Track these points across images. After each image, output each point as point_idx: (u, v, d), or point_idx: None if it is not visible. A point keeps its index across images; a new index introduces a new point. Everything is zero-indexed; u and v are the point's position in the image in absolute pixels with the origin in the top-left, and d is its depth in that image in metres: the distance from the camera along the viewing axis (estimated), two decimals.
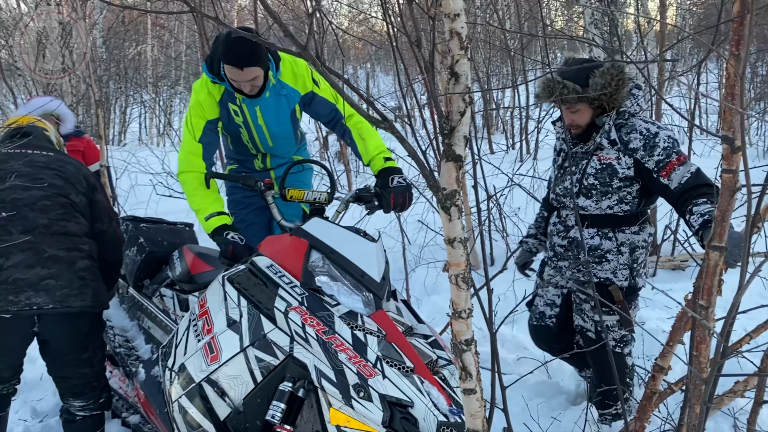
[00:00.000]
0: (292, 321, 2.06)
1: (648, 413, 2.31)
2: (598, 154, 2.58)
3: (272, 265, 2.26)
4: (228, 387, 2.09)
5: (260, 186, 2.61)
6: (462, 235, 1.40)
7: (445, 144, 1.37)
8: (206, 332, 2.22)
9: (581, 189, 2.62)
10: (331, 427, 1.96)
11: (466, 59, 1.30)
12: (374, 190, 2.62)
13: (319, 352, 2.00)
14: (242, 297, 2.19)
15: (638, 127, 2.54)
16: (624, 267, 2.63)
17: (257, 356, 2.06)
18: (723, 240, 1.26)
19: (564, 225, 2.72)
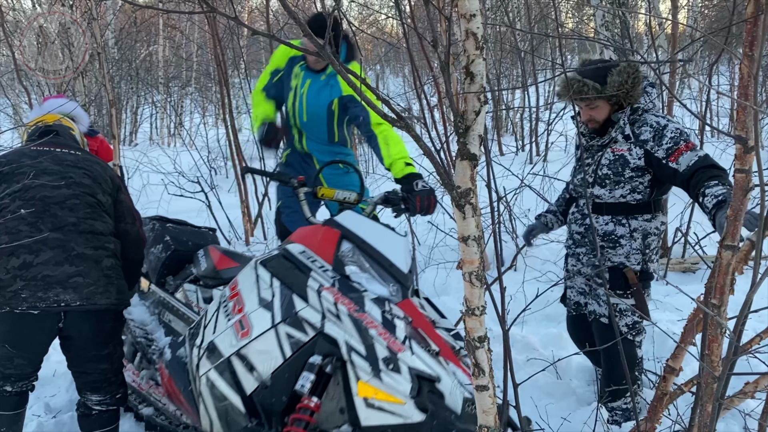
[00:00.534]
0: (325, 299, 2.11)
1: (659, 414, 2.31)
2: (613, 146, 2.73)
3: (305, 251, 2.32)
4: (257, 362, 2.13)
5: (294, 183, 2.73)
6: (476, 233, 1.41)
7: (460, 143, 1.38)
8: (237, 312, 2.26)
9: (596, 179, 2.77)
10: (359, 400, 2.00)
11: (481, 59, 1.32)
12: (402, 194, 2.71)
13: (350, 327, 2.05)
14: (275, 278, 2.24)
15: (649, 121, 2.69)
16: (637, 252, 2.75)
17: (288, 332, 2.11)
18: (736, 239, 1.27)
19: (581, 213, 2.88)
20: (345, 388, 2.04)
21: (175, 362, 2.49)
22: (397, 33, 6.67)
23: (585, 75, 2.65)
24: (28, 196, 2.45)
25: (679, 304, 3.95)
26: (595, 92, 2.63)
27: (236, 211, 6.15)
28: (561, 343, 3.65)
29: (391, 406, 1.95)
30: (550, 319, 4.14)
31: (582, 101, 2.71)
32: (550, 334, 3.79)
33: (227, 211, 6.01)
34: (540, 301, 4.13)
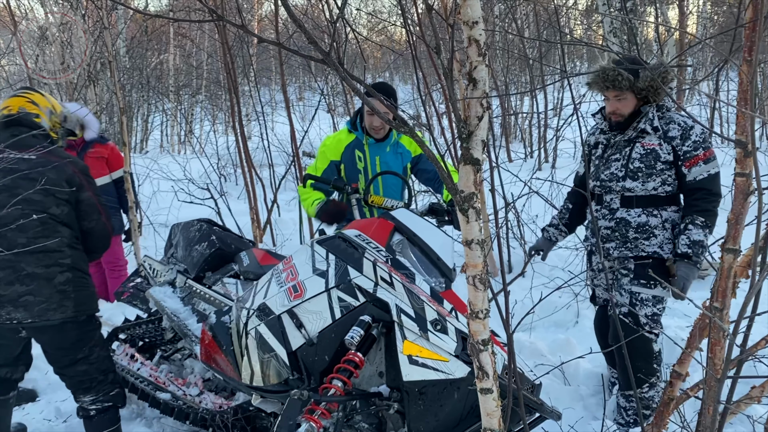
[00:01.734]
0: (381, 268, 2.20)
1: (665, 419, 2.31)
2: (641, 141, 2.81)
3: (360, 234, 2.41)
4: (306, 320, 2.21)
5: (348, 189, 2.90)
6: (479, 237, 1.43)
7: (463, 148, 1.40)
8: (290, 280, 2.34)
9: (627, 172, 2.84)
10: (403, 357, 2.04)
11: (484, 65, 1.34)
12: (447, 207, 2.92)
13: (402, 293, 2.14)
14: (330, 253, 2.33)
15: (676, 119, 2.79)
16: (669, 241, 2.83)
17: (340, 297, 2.20)
18: (737, 243, 1.28)
19: (609, 208, 2.91)
20: (387, 353, 2.13)
21: (219, 325, 2.56)
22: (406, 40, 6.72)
23: (620, 67, 2.73)
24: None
25: (688, 310, 3.94)
26: (628, 83, 2.72)
27: (246, 218, 6.19)
28: (569, 349, 3.64)
29: (434, 363, 2.02)
30: (558, 325, 4.14)
31: (612, 91, 2.78)
32: (558, 340, 3.79)
33: (236, 218, 6.05)
34: (548, 307, 4.19)
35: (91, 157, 4.64)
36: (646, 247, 2.83)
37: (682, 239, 2.70)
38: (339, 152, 3.36)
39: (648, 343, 2.83)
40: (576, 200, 3.21)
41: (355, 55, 13.40)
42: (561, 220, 3.22)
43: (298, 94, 19.76)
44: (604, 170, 2.92)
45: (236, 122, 5.70)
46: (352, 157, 3.33)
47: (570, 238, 4.87)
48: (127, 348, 3.54)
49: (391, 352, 2.11)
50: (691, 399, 2.57)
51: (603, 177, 2.91)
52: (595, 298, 3.18)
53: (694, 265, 2.69)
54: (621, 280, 2.90)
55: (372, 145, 3.31)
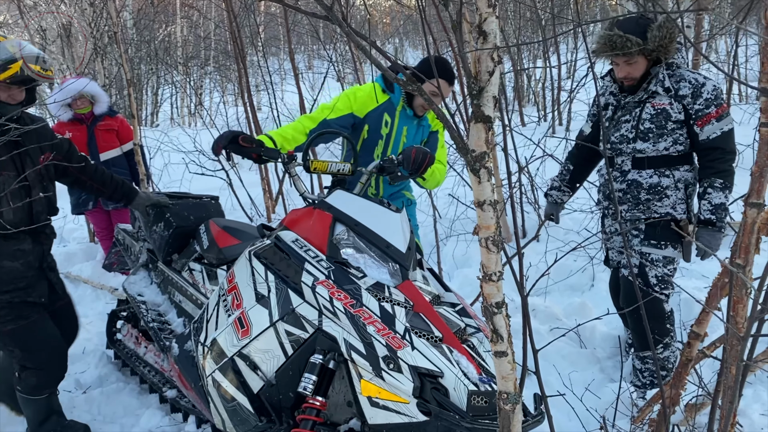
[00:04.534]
0: (320, 295, 2.07)
1: (683, 380, 2.28)
2: (652, 101, 2.75)
3: (297, 239, 2.27)
4: (260, 360, 2.13)
5: (284, 157, 2.59)
6: (491, 198, 1.38)
7: (473, 105, 1.35)
8: (236, 307, 2.25)
9: (638, 134, 2.78)
10: (363, 398, 1.97)
11: (494, 17, 1.28)
12: (396, 159, 2.59)
13: (347, 325, 2.01)
14: (269, 272, 2.21)
15: (687, 77, 2.71)
16: (681, 201, 2.79)
17: (287, 330, 2.09)
18: (761, 197, 1.23)
19: (620, 170, 2.86)
20: (350, 382, 2.02)
21: (184, 357, 2.52)
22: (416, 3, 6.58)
23: (626, 30, 2.63)
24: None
25: (705, 270, 3.89)
26: (637, 47, 2.62)
27: (257, 189, 6.17)
28: (584, 312, 3.62)
29: (395, 405, 1.92)
30: (573, 289, 4.10)
31: (623, 57, 2.69)
32: (573, 303, 3.76)
33: (248, 189, 6.03)
34: (563, 271, 4.15)
35: (101, 130, 4.65)
36: (658, 209, 2.80)
37: (704, 205, 2.65)
38: (367, 110, 3.01)
39: (659, 304, 2.80)
40: (577, 161, 3.16)
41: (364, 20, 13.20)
42: (562, 181, 3.19)
43: (307, 63, 19.58)
44: (614, 132, 2.87)
45: (245, 93, 5.64)
46: (379, 120, 3.04)
47: (585, 201, 4.81)
48: (130, 328, 3.54)
49: (352, 385, 2.01)
50: (708, 360, 2.54)
51: (613, 139, 2.87)
52: (608, 260, 3.15)
53: (718, 231, 2.65)
54: (632, 242, 2.87)
55: (404, 116, 3.04)
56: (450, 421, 1.84)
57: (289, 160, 2.60)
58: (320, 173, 2.62)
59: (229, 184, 5.74)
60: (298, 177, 2.63)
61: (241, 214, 5.87)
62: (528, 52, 11.95)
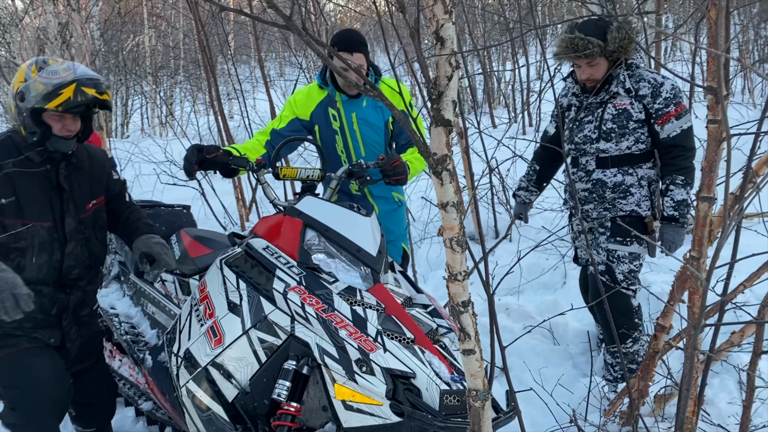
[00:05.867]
0: (292, 301, 2.08)
1: (651, 371, 2.34)
2: (613, 101, 2.82)
3: (268, 246, 2.27)
4: (234, 369, 2.13)
5: (252, 165, 2.59)
6: (454, 199, 1.41)
7: (433, 109, 1.38)
8: (208, 317, 2.25)
9: (600, 134, 2.85)
10: (337, 402, 1.99)
11: (450, 23, 1.31)
12: (366, 165, 2.61)
13: (320, 330, 2.02)
14: (241, 280, 2.21)
15: (646, 77, 2.79)
16: (646, 198, 2.86)
17: (260, 337, 2.09)
18: (711, 191, 1.28)
19: (585, 170, 2.92)
20: (324, 387, 2.03)
21: (157, 369, 2.50)
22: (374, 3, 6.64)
23: (587, 33, 2.70)
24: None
25: (673, 265, 3.96)
26: (598, 48, 2.69)
27: (231, 197, 6.14)
28: (557, 309, 3.67)
29: (369, 407, 1.94)
30: (546, 287, 4.17)
31: (584, 59, 2.75)
32: (546, 301, 3.81)
33: (222, 198, 6.00)
34: (535, 270, 4.21)
35: None
36: (623, 206, 2.85)
37: (667, 201, 2.73)
38: (309, 110, 2.98)
39: (626, 300, 2.87)
40: (543, 161, 3.22)
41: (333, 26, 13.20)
42: (529, 182, 3.26)
43: (279, 70, 19.53)
44: (578, 133, 2.92)
45: (214, 101, 5.63)
46: (326, 116, 2.97)
47: (555, 200, 4.89)
48: (104, 341, 3.48)
49: (326, 390, 2.03)
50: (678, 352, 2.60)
51: (577, 140, 2.92)
52: (577, 258, 3.22)
53: (681, 227, 2.72)
54: (599, 239, 2.93)
55: (346, 102, 2.93)
56: (423, 420, 1.87)
57: (258, 167, 2.60)
58: (290, 180, 2.62)
59: (201, 193, 5.71)
60: (267, 184, 2.63)
61: (215, 223, 5.84)
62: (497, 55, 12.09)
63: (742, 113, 6.04)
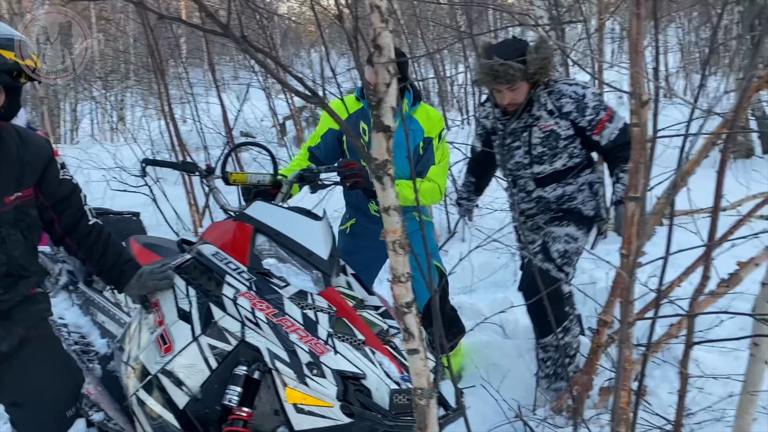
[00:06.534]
0: (242, 307, 2.08)
1: (595, 366, 2.42)
2: (538, 124, 2.78)
3: (218, 252, 2.27)
4: (184, 376, 2.12)
5: (201, 171, 2.57)
6: (396, 203, 1.45)
7: (373, 115, 1.41)
8: (158, 324, 2.23)
9: (532, 159, 2.84)
10: (288, 406, 2.00)
11: (387, 31, 1.34)
12: (317, 169, 2.62)
13: (270, 334, 2.03)
14: (190, 287, 2.21)
15: (566, 92, 2.76)
16: (590, 199, 2.91)
17: (210, 344, 2.09)
18: (638, 191, 1.34)
19: (525, 191, 2.94)
20: (276, 391, 2.04)
21: (107, 378, 2.49)
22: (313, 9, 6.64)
23: (506, 56, 2.60)
24: None
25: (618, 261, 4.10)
26: (520, 73, 2.63)
27: (183, 203, 6.07)
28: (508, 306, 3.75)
29: (321, 410, 1.96)
30: (498, 285, 4.26)
31: (504, 85, 2.68)
32: (497, 299, 3.90)
33: (174, 204, 5.93)
34: (487, 269, 4.29)
35: None
36: (569, 207, 2.89)
37: (617, 188, 2.73)
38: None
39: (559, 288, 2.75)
40: (477, 173, 3.25)
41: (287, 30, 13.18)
42: (468, 192, 3.31)
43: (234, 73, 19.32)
44: (509, 159, 2.91)
45: (164, 106, 5.56)
46: (356, 129, 2.94)
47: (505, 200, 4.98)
48: None
49: (278, 394, 2.04)
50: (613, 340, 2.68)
51: (510, 166, 2.92)
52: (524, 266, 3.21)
53: None
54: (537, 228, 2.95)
55: None
56: (373, 420, 1.90)
57: (208, 173, 2.59)
58: (241, 185, 2.62)
59: (153, 199, 5.63)
60: (217, 190, 2.62)
61: (167, 229, 5.76)
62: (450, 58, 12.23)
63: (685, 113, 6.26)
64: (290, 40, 15.35)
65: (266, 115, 10.25)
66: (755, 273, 2.06)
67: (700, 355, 2.94)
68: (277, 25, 12.72)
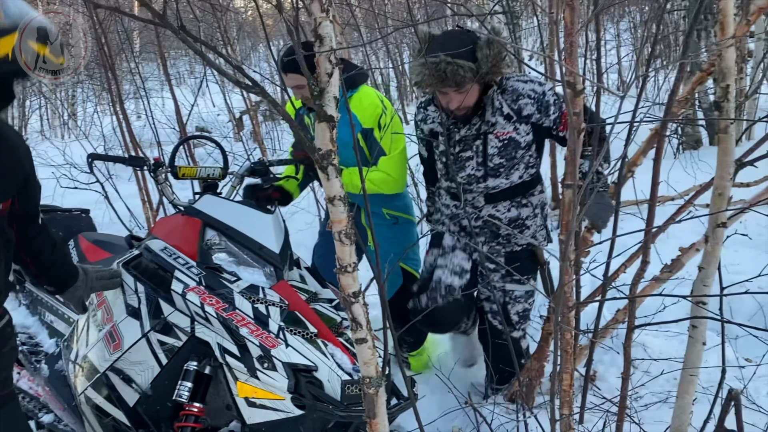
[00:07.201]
0: (191, 302, 2.08)
1: (545, 353, 2.47)
2: (494, 131, 2.43)
3: (166, 247, 2.25)
4: (134, 373, 2.11)
5: (150, 165, 2.53)
6: (341, 193, 1.45)
7: (316, 105, 1.41)
8: (106, 321, 2.21)
9: (487, 171, 2.49)
10: (240, 400, 2.01)
11: (328, 21, 1.35)
12: (268, 162, 2.61)
13: (220, 329, 2.03)
14: (139, 283, 2.18)
15: (523, 90, 2.43)
16: (541, 228, 2.63)
17: (160, 340, 2.09)
18: (574, 179, 1.37)
19: (473, 206, 2.58)
20: (227, 385, 2.04)
21: (54, 378, 2.43)
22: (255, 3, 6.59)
23: (454, 54, 2.22)
24: None
25: None
26: (471, 73, 2.24)
27: (137, 200, 5.96)
28: None
29: (272, 402, 1.97)
30: None
31: (454, 87, 2.29)
32: None
33: (127, 201, 5.80)
34: None
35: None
36: (519, 240, 2.59)
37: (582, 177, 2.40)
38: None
39: (518, 343, 2.71)
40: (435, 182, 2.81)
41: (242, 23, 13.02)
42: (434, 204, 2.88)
43: (190, 68, 19.01)
44: (459, 171, 2.53)
45: (115, 102, 5.44)
46: (302, 124, 2.95)
47: None
48: None
49: (229, 389, 2.04)
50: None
51: (459, 179, 2.54)
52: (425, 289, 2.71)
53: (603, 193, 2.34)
54: (491, 276, 2.60)
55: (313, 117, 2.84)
56: (324, 411, 1.91)
57: (156, 167, 2.55)
58: (190, 179, 2.60)
59: (105, 196, 5.50)
60: (166, 184, 2.59)
61: (121, 227, 5.64)
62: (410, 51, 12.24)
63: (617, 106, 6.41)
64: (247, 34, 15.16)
65: (222, 109, 10.13)
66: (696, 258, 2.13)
67: (647, 339, 3.04)
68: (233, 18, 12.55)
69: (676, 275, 2.12)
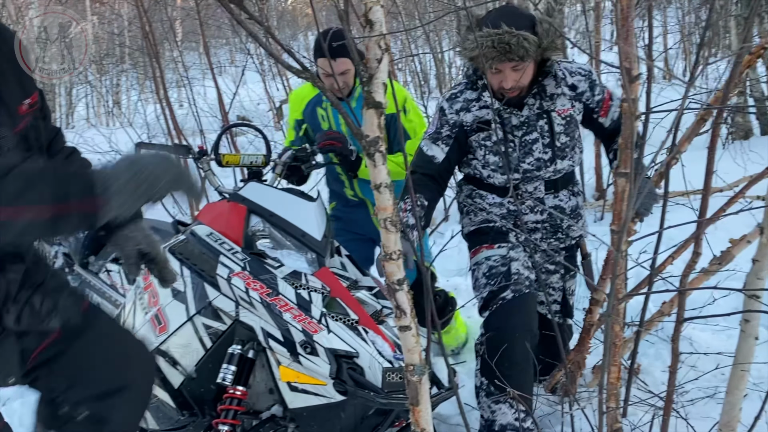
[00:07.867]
0: (236, 286, 2.11)
1: (587, 344, 2.44)
2: (556, 108, 2.32)
3: (212, 233, 2.29)
4: (179, 355, 2.15)
5: (194, 153, 2.56)
6: (387, 181, 1.45)
7: (364, 91, 1.41)
8: (152, 304, 2.26)
9: (555, 152, 2.35)
10: (282, 384, 2.04)
11: (379, 6, 1.34)
12: (310, 149, 2.63)
13: (264, 314, 2.06)
14: (185, 267, 2.23)
15: (573, 69, 2.35)
16: (583, 221, 2.58)
17: (204, 323, 2.13)
18: (628, 166, 1.34)
19: (536, 199, 2.42)
20: (270, 370, 2.08)
21: None
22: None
23: (517, 27, 2.11)
24: None
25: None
26: (535, 47, 2.13)
27: None
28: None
29: (314, 388, 1.99)
30: None
31: (511, 62, 2.16)
32: None
33: None
34: None
35: None
36: (574, 233, 2.49)
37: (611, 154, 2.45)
38: (300, 109, 2.98)
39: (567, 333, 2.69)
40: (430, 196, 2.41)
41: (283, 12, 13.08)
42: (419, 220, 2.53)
43: (230, 57, 19.21)
44: (525, 158, 2.36)
45: (159, 90, 5.54)
46: (314, 115, 2.93)
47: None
48: None
49: (272, 373, 2.07)
50: None
51: (527, 166, 2.37)
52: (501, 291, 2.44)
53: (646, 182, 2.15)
54: (549, 279, 2.53)
55: None
56: (366, 398, 1.92)
57: (201, 155, 2.59)
58: (234, 167, 2.64)
59: None
60: (211, 172, 2.63)
61: (164, 213, 5.76)
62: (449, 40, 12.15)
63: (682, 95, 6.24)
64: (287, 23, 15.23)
65: (262, 98, 10.21)
66: (748, 251, 2.06)
67: (693, 333, 2.97)
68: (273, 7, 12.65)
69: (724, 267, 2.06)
